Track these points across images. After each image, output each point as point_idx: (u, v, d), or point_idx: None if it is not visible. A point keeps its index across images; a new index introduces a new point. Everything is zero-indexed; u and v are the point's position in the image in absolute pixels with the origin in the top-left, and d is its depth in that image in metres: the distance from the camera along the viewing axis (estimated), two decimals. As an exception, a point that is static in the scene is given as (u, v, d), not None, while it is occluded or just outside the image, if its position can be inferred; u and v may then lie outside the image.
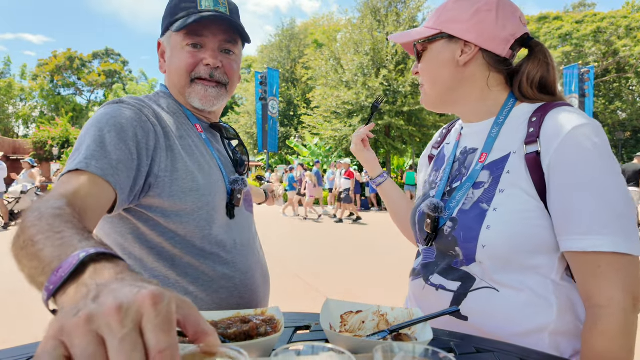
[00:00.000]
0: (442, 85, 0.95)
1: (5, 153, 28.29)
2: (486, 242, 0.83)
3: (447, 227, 0.91)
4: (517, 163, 0.85)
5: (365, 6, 20.97)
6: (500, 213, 0.83)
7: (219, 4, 1.02)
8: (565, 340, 0.84)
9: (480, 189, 0.88)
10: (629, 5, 33.22)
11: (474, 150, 0.96)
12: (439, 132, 1.21)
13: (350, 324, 0.79)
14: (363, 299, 3.88)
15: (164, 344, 0.34)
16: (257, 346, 0.60)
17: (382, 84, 18.89)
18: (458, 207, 0.90)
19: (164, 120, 0.99)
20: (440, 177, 1.02)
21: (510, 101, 0.93)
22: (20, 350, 0.69)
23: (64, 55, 49.11)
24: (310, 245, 7.50)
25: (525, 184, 0.83)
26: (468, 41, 0.90)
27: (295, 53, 30.78)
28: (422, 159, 1.23)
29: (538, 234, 0.82)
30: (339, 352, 0.44)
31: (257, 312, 0.76)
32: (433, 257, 0.97)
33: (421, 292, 0.97)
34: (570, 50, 31.29)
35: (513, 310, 0.84)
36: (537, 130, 0.83)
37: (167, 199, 0.93)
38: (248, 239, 1.11)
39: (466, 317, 0.87)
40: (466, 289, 0.88)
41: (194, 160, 0.99)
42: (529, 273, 0.84)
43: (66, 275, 0.45)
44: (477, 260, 0.86)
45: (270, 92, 19.55)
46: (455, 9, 0.92)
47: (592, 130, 0.78)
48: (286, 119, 28.68)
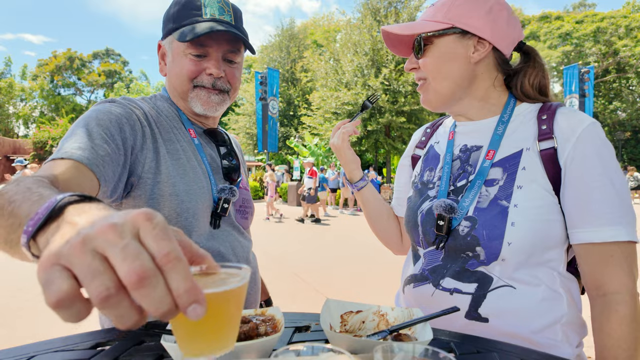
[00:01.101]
0: (451, 81, 0.93)
1: (6, 153, 28.30)
2: (512, 239, 0.83)
3: (463, 227, 0.88)
4: (532, 159, 0.86)
5: (365, 6, 20.97)
6: (522, 209, 0.83)
7: (224, 11, 1.00)
8: (573, 331, 0.87)
9: (494, 186, 0.88)
10: (629, 5, 33.22)
11: (477, 148, 0.95)
12: (419, 132, 1.18)
13: (350, 324, 0.79)
14: (363, 299, 3.88)
15: (167, 248, 0.33)
16: (257, 346, 0.60)
17: (382, 83, 18.89)
18: (473, 205, 0.88)
19: (154, 122, 0.99)
20: (438, 176, 0.99)
21: (511, 101, 0.95)
22: (20, 350, 0.69)
23: (64, 55, 49.13)
24: (311, 245, 7.50)
25: (542, 180, 0.85)
26: (482, 38, 0.90)
27: (295, 53, 30.77)
28: (404, 160, 1.20)
29: (554, 228, 0.85)
30: (338, 352, 0.44)
31: (257, 312, 0.76)
32: (440, 260, 0.93)
33: (429, 299, 0.92)
34: (571, 50, 31.29)
35: (531, 306, 0.85)
36: (550, 128, 0.86)
37: (147, 201, 0.93)
38: (235, 249, 1.06)
39: (487, 318, 0.86)
40: (484, 290, 0.86)
41: (179, 165, 0.98)
42: (542, 268, 0.86)
43: (46, 213, 0.42)
44: (500, 259, 0.85)
45: (270, 92, 19.53)
46: (466, 4, 0.90)
47: (600, 128, 0.83)
48: (286, 119, 28.67)
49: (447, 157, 0.99)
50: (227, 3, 1.02)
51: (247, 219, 1.17)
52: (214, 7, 0.99)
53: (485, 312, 0.86)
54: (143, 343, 0.74)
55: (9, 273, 5.17)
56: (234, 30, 0.97)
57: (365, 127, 19.49)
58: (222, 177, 1.09)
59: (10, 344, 0.71)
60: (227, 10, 1.01)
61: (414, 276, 0.98)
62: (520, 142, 0.89)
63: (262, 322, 0.71)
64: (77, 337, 0.75)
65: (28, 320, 3.47)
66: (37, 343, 0.72)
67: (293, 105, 29.01)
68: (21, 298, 4.17)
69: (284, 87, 29.12)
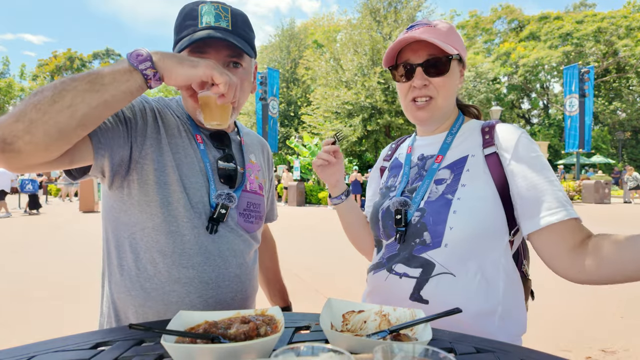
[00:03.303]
0: (451, 100, 1.10)
1: (6, 153, 28.19)
2: (453, 225, 0.95)
3: (415, 217, 1.02)
4: (477, 163, 1.01)
5: (365, 7, 20.97)
6: (464, 200, 0.96)
7: (220, 18, 0.98)
8: (511, 323, 0.96)
9: (443, 184, 1.02)
10: (629, 5, 33.23)
11: (432, 156, 1.10)
12: (387, 148, 1.37)
13: (352, 323, 0.79)
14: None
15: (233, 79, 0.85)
16: (257, 346, 0.60)
17: (379, 82, 18.89)
18: (423, 199, 1.03)
19: (160, 117, 1.03)
20: (399, 181, 1.14)
21: (460, 118, 1.13)
22: (20, 350, 0.69)
23: (64, 55, 49.16)
24: (312, 245, 7.50)
25: (484, 178, 0.98)
26: (464, 68, 1.10)
27: (295, 53, 30.77)
28: (374, 172, 1.37)
29: (494, 219, 0.96)
30: (338, 352, 0.44)
31: (257, 312, 0.76)
32: (396, 250, 1.04)
33: (383, 283, 1.04)
34: (571, 50, 31.30)
35: (468, 294, 0.94)
36: (491, 138, 1.03)
37: (141, 186, 0.97)
38: (231, 251, 1.05)
39: (427, 300, 0.95)
40: (427, 275, 0.96)
41: (176, 158, 1.01)
42: (483, 258, 0.96)
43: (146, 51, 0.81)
44: (443, 244, 0.96)
45: (271, 92, 19.54)
46: (454, 35, 1.05)
47: (529, 134, 1.03)
48: (286, 119, 28.68)
49: (406, 166, 1.15)
50: (224, 9, 1.00)
51: (252, 222, 1.12)
52: (210, 15, 0.98)
53: (427, 295, 0.96)
54: (143, 343, 0.74)
55: (9, 274, 5.18)
56: (226, 38, 0.95)
57: (365, 127, 19.51)
58: (224, 183, 1.07)
59: (10, 345, 0.71)
60: (224, 16, 0.99)
61: (375, 264, 1.11)
62: (466, 150, 1.05)
63: (262, 322, 0.71)
64: (77, 337, 0.75)
65: (28, 322, 3.47)
66: (37, 343, 0.72)
67: (293, 105, 29.01)
68: (21, 299, 4.17)
69: (284, 87, 29.12)
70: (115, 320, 1.02)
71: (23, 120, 0.70)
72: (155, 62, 0.80)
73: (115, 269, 1.01)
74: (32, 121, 0.70)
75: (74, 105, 0.72)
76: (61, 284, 4.64)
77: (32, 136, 0.70)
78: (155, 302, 0.98)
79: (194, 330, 0.70)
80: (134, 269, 0.98)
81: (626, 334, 3.09)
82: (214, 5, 0.99)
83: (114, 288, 1.01)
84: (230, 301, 1.04)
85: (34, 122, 0.70)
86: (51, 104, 0.71)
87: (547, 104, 37.62)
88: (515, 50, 34.81)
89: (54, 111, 0.71)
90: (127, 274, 0.99)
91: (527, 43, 35.73)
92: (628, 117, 33.09)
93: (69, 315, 3.62)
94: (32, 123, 0.70)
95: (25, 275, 5.08)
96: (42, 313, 3.67)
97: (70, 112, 0.72)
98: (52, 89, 0.73)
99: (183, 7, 1.01)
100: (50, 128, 0.71)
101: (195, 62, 0.83)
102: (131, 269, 0.99)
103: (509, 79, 36.24)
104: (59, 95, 0.72)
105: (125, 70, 0.78)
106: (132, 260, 0.99)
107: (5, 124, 0.70)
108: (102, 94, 0.75)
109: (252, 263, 1.13)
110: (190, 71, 0.82)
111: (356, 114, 19.56)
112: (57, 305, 3.92)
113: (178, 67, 0.82)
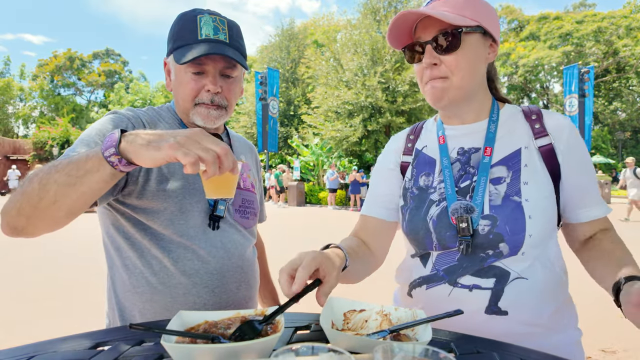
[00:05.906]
0: (475, 80, 0.94)
1: (5, 153, 28.28)
2: (532, 232, 0.88)
3: (483, 226, 0.89)
4: (532, 156, 0.93)
5: (365, 6, 20.96)
6: (533, 202, 0.89)
7: (218, 30, 1.04)
8: (571, 311, 0.98)
9: (502, 183, 0.91)
10: (629, 5, 33.23)
11: (476, 150, 0.96)
12: (401, 139, 1.13)
13: (353, 322, 0.79)
14: (364, 299, 3.86)
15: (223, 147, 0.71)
16: (257, 346, 0.60)
17: (380, 82, 18.88)
18: (486, 203, 0.90)
19: (149, 126, 1.06)
20: (438, 180, 0.98)
21: (496, 103, 1.01)
22: (20, 350, 0.69)
23: (64, 55, 49.11)
24: (311, 245, 7.49)
25: (542, 174, 0.92)
26: (495, 41, 0.95)
27: (295, 53, 30.74)
28: (387, 171, 1.11)
29: (556, 216, 0.94)
30: (338, 352, 0.44)
31: (257, 312, 0.76)
32: (455, 260, 0.92)
33: (447, 298, 0.92)
34: (571, 50, 31.27)
35: (542, 295, 0.90)
36: (542, 127, 0.94)
37: (138, 196, 1.01)
38: (232, 243, 1.11)
39: (506, 311, 0.88)
40: (502, 284, 0.89)
41: (171, 165, 1.04)
42: (546, 256, 0.92)
43: (118, 134, 0.74)
44: (521, 252, 0.88)
45: (271, 92, 19.52)
46: (485, 6, 0.92)
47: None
48: (286, 119, 28.64)
49: (445, 160, 0.98)
50: (222, 21, 1.05)
51: (248, 218, 1.19)
52: (209, 27, 1.03)
53: (505, 305, 0.88)
54: (143, 343, 0.74)
55: (9, 276, 5.18)
56: (226, 53, 1.01)
57: (365, 127, 19.50)
58: None
59: (10, 345, 0.71)
60: (222, 29, 1.04)
61: (426, 278, 0.97)
62: (516, 142, 0.94)
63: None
64: (77, 337, 0.75)
65: (28, 323, 3.47)
66: (37, 343, 0.72)
67: (293, 105, 29.00)
68: (21, 300, 4.17)
69: (284, 87, 29.10)
70: (120, 319, 1.05)
71: (22, 215, 0.80)
72: (122, 148, 0.73)
73: (120, 269, 1.05)
74: (29, 217, 0.80)
75: (58, 201, 0.77)
76: (60, 284, 4.64)
77: (34, 227, 0.82)
78: (162, 295, 1.02)
79: (194, 330, 0.70)
80: (139, 266, 1.02)
81: (626, 334, 3.09)
82: (212, 18, 1.04)
83: (120, 287, 1.05)
84: (236, 290, 1.10)
85: (31, 217, 0.80)
86: (38, 200, 0.77)
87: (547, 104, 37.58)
88: (515, 50, 34.78)
89: (43, 207, 0.78)
90: (132, 272, 1.03)
91: (527, 43, 35.67)
92: (628, 117, 33.07)
93: (68, 315, 3.62)
94: (29, 219, 0.80)
95: (24, 275, 5.08)
96: (42, 313, 3.67)
97: (56, 207, 0.78)
98: (38, 181, 0.78)
99: (180, 16, 1.06)
100: (45, 219, 0.80)
101: (157, 144, 0.71)
102: (136, 266, 1.03)
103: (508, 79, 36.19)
104: (44, 190, 0.77)
105: (96, 157, 0.75)
106: (135, 258, 1.03)
107: (10, 217, 0.81)
108: (78, 187, 0.76)
109: (252, 257, 1.19)
110: (155, 154, 0.71)
111: (356, 113, 19.55)
112: (57, 305, 3.92)
113: (143, 150, 0.72)
